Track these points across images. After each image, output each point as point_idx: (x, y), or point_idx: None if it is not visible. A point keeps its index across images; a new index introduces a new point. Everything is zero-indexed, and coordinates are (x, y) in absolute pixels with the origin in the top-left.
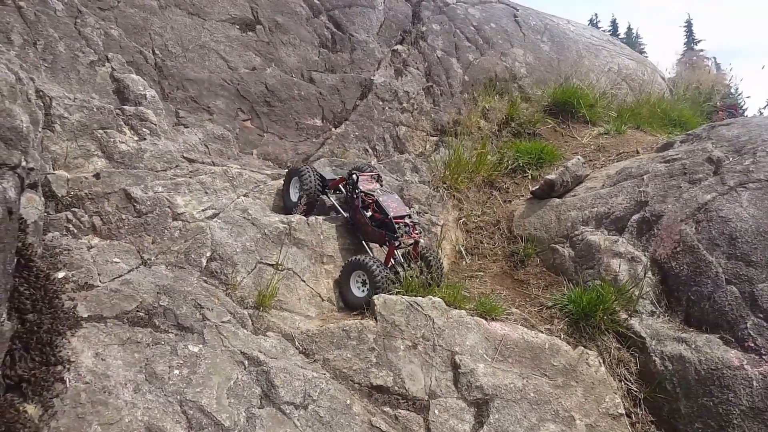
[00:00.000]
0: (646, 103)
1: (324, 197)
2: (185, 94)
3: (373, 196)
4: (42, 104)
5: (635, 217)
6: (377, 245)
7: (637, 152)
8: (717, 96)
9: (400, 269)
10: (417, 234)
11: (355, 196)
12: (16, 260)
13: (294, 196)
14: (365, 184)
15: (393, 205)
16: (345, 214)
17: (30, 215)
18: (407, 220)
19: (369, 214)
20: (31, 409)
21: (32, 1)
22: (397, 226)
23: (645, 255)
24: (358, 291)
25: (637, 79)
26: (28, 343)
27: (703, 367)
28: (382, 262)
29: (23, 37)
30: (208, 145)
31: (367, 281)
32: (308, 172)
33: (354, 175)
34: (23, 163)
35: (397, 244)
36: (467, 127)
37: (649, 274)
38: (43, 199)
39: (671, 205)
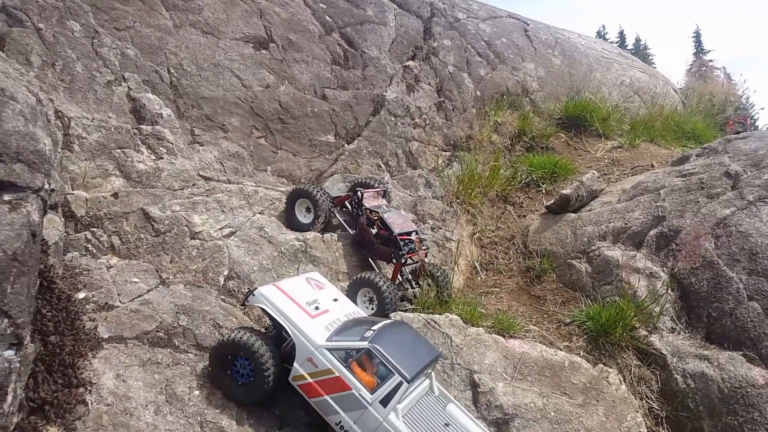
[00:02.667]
0: (659, 116)
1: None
2: (200, 112)
3: (378, 212)
4: (61, 124)
5: (653, 232)
6: (384, 262)
7: (652, 166)
8: (730, 108)
9: (408, 286)
10: (423, 251)
11: (360, 213)
12: (38, 282)
13: (302, 216)
14: (370, 201)
15: (398, 222)
16: (351, 231)
17: (51, 236)
18: (413, 237)
19: (374, 230)
20: None
21: (50, 22)
22: (402, 243)
23: (664, 271)
24: (365, 309)
25: (649, 91)
26: (50, 366)
27: (727, 385)
28: (390, 279)
29: (42, 59)
30: (223, 162)
31: (375, 299)
32: (320, 192)
33: (359, 192)
34: (46, 186)
35: (403, 261)
36: (479, 141)
37: (669, 290)
38: (62, 219)
39: (689, 220)
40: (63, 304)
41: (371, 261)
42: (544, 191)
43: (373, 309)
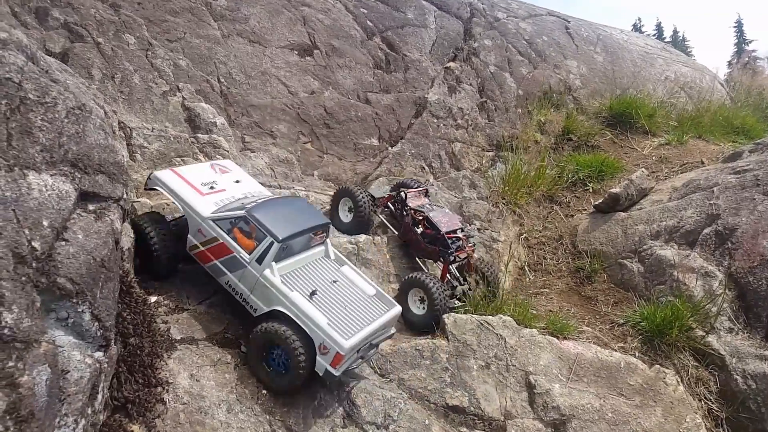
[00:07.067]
0: (706, 112)
1: (374, 215)
2: (250, 119)
3: (423, 212)
4: (123, 135)
5: (707, 230)
6: (432, 260)
7: (702, 162)
8: None
9: (456, 284)
10: (471, 247)
11: (404, 213)
12: (119, 287)
13: (344, 216)
14: (414, 201)
15: (444, 220)
16: (395, 232)
17: (125, 242)
18: (459, 234)
19: (420, 230)
20: (137, 429)
21: (108, 36)
22: (450, 241)
23: (720, 270)
24: (416, 309)
25: (695, 87)
26: (131, 366)
27: None
28: (439, 278)
29: (102, 72)
30: (273, 168)
31: (425, 298)
32: (362, 193)
33: (402, 192)
34: (124, 196)
35: (452, 259)
36: (523, 141)
37: (726, 289)
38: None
39: (745, 218)
40: (140, 307)
41: (419, 260)
42: (591, 190)
43: (424, 309)
